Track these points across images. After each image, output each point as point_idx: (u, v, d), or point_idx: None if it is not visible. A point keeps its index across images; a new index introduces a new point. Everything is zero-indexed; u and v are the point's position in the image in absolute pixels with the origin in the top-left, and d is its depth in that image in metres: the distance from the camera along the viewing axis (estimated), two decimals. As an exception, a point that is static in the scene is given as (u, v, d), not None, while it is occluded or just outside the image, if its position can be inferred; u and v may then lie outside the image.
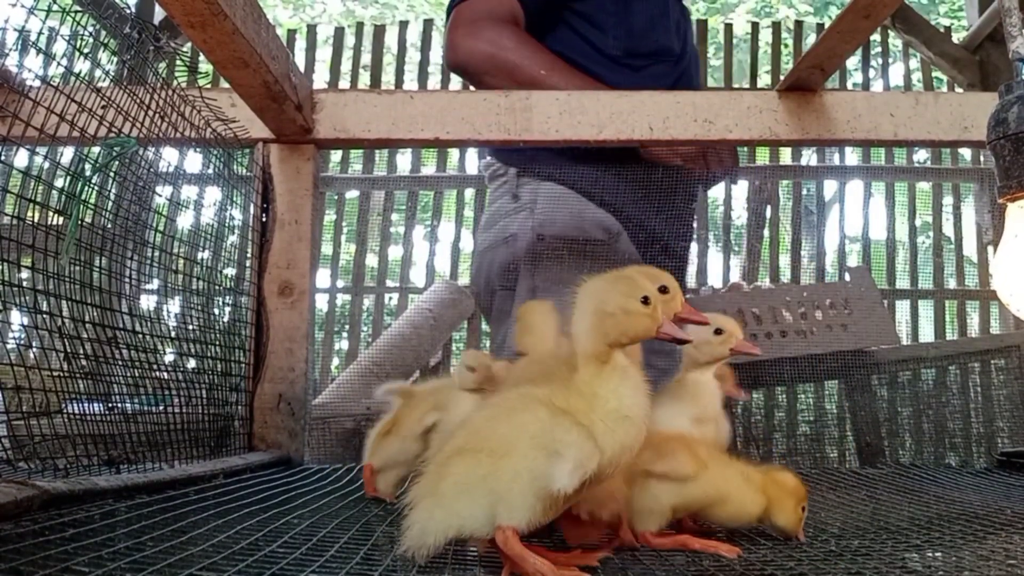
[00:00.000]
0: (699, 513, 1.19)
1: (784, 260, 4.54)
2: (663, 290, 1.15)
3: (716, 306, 2.84)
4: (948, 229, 4.52)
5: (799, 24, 4.72)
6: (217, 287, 1.97)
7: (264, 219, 2.11)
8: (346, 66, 4.73)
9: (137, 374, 1.56)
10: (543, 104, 2.14)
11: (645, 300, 0.98)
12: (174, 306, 1.87)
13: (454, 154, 4.95)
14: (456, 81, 4.43)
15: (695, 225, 2.41)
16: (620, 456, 0.94)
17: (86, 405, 1.37)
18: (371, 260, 4.59)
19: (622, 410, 0.95)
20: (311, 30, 4.70)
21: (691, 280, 4.38)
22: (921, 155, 5.77)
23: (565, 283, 2.24)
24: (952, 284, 4.53)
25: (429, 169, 4.84)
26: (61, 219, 1.33)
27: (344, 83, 4.73)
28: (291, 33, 4.65)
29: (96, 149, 1.46)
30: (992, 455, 2.36)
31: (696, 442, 1.18)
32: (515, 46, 2.12)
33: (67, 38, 1.45)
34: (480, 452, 0.93)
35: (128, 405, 1.55)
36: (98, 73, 1.93)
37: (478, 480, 0.91)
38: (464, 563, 1.05)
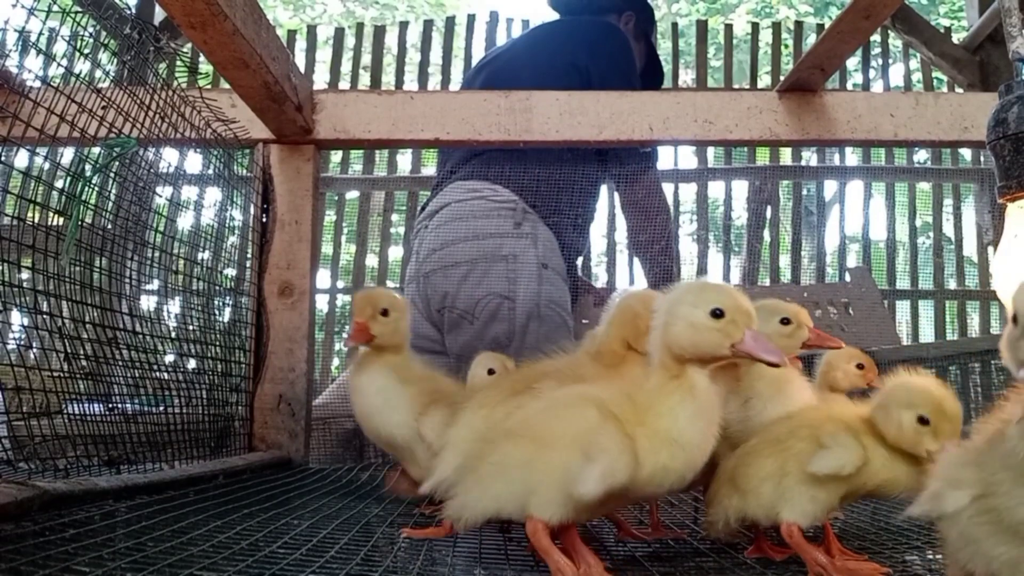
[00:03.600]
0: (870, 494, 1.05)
1: (784, 260, 4.54)
2: (785, 322, 1.13)
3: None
4: (948, 229, 4.52)
5: (799, 24, 4.72)
6: (217, 287, 1.97)
7: (264, 219, 2.11)
8: (346, 67, 4.73)
9: (137, 375, 1.56)
10: (543, 105, 2.14)
11: (717, 313, 0.88)
12: (174, 307, 1.87)
13: (454, 154, 4.93)
14: (456, 82, 4.43)
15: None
16: (662, 478, 0.89)
17: (86, 406, 1.37)
18: (371, 260, 4.58)
19: (672, 432, 0.89)
20: (311, 31, 4.70)
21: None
22: (921, 155, 5.77)
23: (560, 306, 2.28)
24: (952, 284, 4.53)
25: (429, 170, 4.83)
26: (61, 220, 1.33)
27: (344, 84, 4.73)
28: (291, 34, 4.64)
29: (96, 150, 1.46)
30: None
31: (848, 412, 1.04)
32: None
33: (67, 39, 1.45)
34: (524, 438, 0.92)
35: (128, 406, 1.55)
36: (98, 74, 1.93)
37: (517, 465, 0.91)
38: (465, 562, 1.05)
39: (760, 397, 1.17)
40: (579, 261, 2.66)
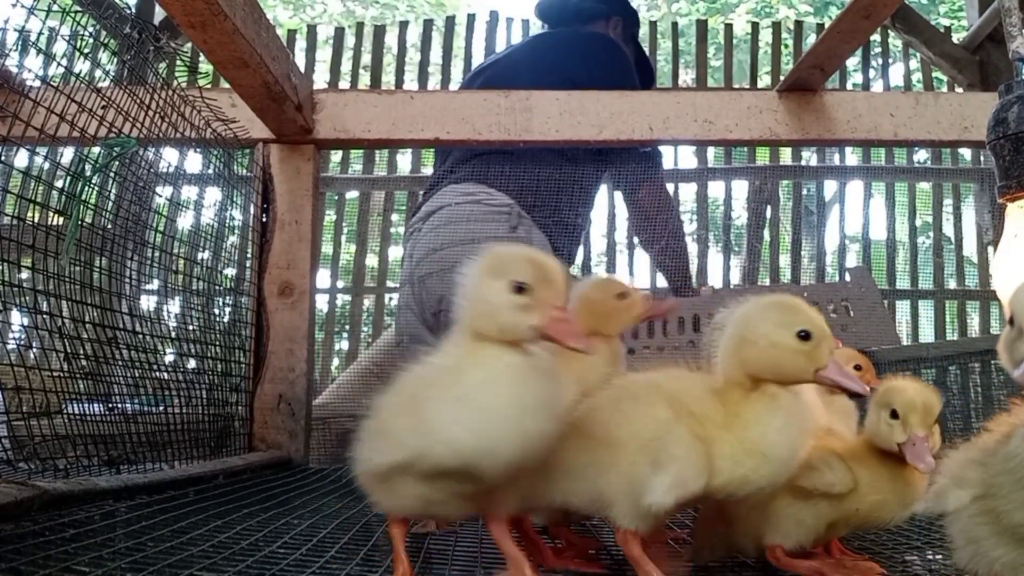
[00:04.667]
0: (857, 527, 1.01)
1: (784, 260, 4.54)
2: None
3: (717, 306, 2.84)
4: (948, 229, 4.51)
5: (799, 24, 4.71)
6: (217, 287, 1.96)
7: (264, 219, 2.11)
8: (346, 66, 4.73)
9: (137, 374, 1.56)
10: (543, 104, 2.14)
11: (804, 335, 0.82)
12: (174, 306, 1.87)
13: (454, 154, 4.93)
14: (456, 81, 4.43)
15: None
16: (739, 488, 0.83)
17: (86, 406, 1.37)
18: (371, 260, 4.58)
19: (761, 444, 0.81)
20: (311, 30, 4.70)
21: (691, 280, 4.37)
22: (921, 155, 5.76)
23: None
24: (952, 284, 4.53)
25: (429, 169, 4.83)
26: (61, 219, 1.33)
27: (344, 84, 4.73)
28: (291, 33, 4.64)
29: (96, 149, 1.46)
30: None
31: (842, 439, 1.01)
32: None
33: (67, 38, 1.45)
34: (591, 439, 0.87)
35: (128, 405, 1.55)
36: (98, 73, 1.93)
37: (583, 467, 0.87)
38: (465, 562, 1.05)
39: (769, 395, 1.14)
40: (577, 262, 2.65)
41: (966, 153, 4.81)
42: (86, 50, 1.49)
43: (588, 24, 2.70)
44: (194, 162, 2.84)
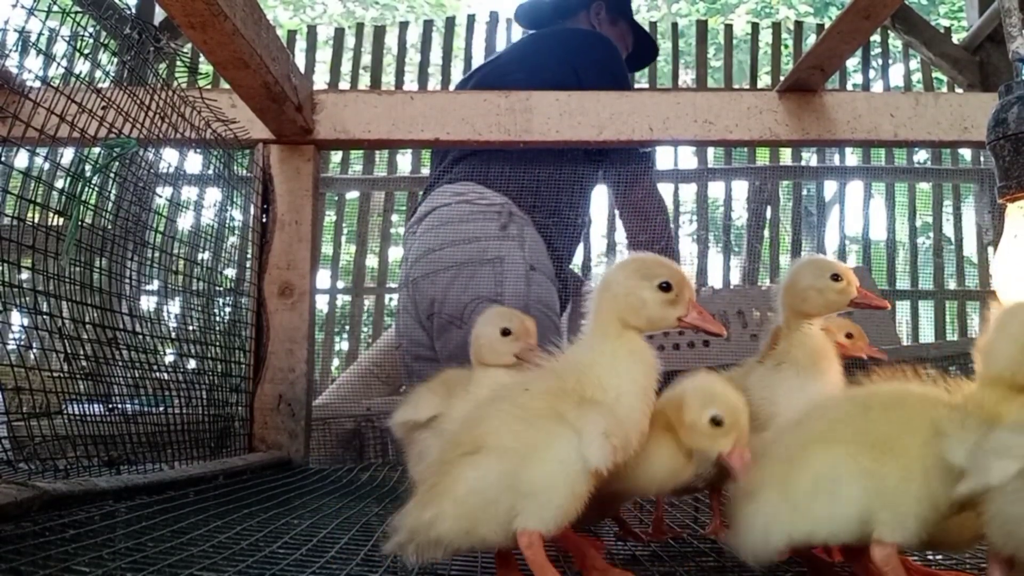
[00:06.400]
0: None
1: (784, 260, 4.54)
2: (835, 278, 1.13)
3: (716, 306, 2.84)
4: (948, 229, 4.52)
5: (799, 25, 4.71)
6: (217, 288, 1.96)
7: (264, 220, 2.11)
8: (346, 67, 4.73)
9: (137, 375, 1.56)
10: (543, 105, 2.14)
11: (665, 287, 0.91)
12: (174, 307, 1.87)
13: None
14: (456, 82, 4.43)
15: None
16: None
17: (86, 406, 1.37)
18: (371, 261, 4.58)
19: None
20: (311, 31, 4.70)
21: (691, 281, 4.35)
22: (921, 156, 5.76)
23: (549, 307, 2.25)
24: (952, 284, 4.53)
25: (429, 170, 4.84)
26: (61, 220, 1.33)
27: (344, 84, 4.73)
28: (291, 34, 4.64)
29: (96, 150, 1.46)
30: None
31: None
32: None
33: (67, 39, 1.45)
34: (850, 444, 0.78)
35: (128, 406, 1.55)
36: (98, 74, 1.93)
37: (850, 477, 0.76)
38: (465, 564, 1.05)
39: (794, 364, 1.14)
40: (578, 262, 2.63)
41: (966, 153, 4.81)
42: (86, 51, 1.49)
43: (569, 19, 2.68)
44: (194, 163, 2.85)
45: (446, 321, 2.27)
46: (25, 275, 1.25)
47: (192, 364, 1.83)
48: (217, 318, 1.96)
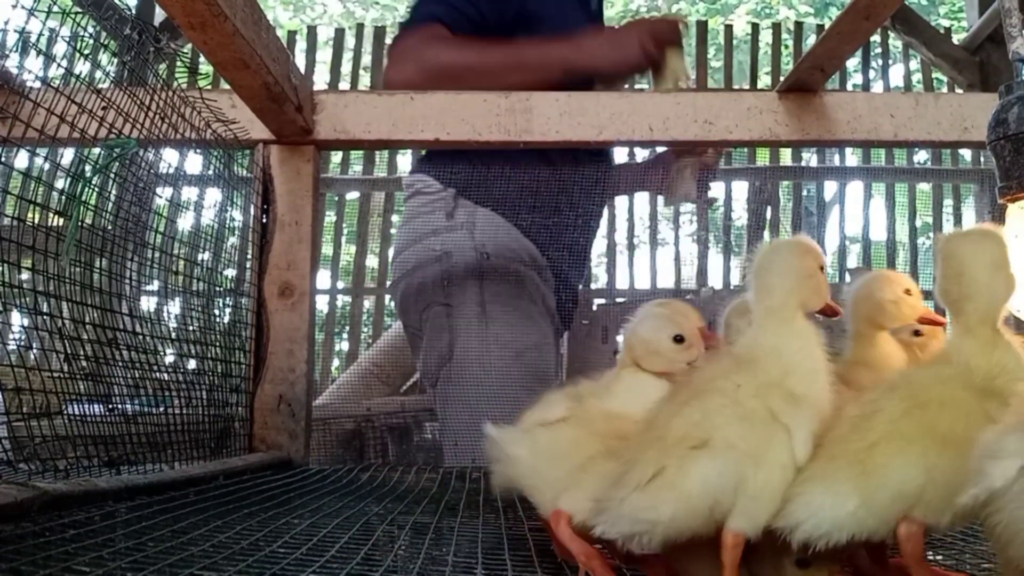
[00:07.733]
0: None
1: (784, 261, 4.55)
2: (908, 292, 1.13)
3: (717, 307, 2.84)
4: (948, 230, 4.53)
5: (799, 25, 4.72)
6: (217, 288, 1.97)
7: (264, 220, 2.11)
8: (346, 67, 4.73)
9: (137, 375, 1.56)
10: (543, 105, 2.14)
11: (679, 339, 0.96)
12: (174, 307, 1.87)
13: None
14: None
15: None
16: None
17: (86, 406, 1.37)
18: (371, 261, 4.59)
19: None
20: (311, 31, 4.71)
21: (691, 281, 4.38)
22: (921, 156, 5.76)
23: (511, 298, 2.11)
24: (952, 285, 4.53)
25: (429, 170, 4.84)
26: (61, 220, 1.33)
27: (344, 84, 4.73)
28: (291, 34, 4.65)
29: (96, 150, 1.46)
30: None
31: None
32: (439, 50, 2.14)
33: (67, 39, 1.45)
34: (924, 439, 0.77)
35: (128, 406, 1.55)
36: (98, 74, 1.93)
37: (922, 472, 0.76)
38: (465, 562, 1.05)
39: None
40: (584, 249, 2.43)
41: (966, 154, 4.81)
42: (86, 51, 1.49)
43: None
44: (194, 163, 2.85)
45: (412, 334, 2.22)
46: (25, 275, 1.25)
47: (192, 364, 1.83)
48: (217, 318, 1.96)
